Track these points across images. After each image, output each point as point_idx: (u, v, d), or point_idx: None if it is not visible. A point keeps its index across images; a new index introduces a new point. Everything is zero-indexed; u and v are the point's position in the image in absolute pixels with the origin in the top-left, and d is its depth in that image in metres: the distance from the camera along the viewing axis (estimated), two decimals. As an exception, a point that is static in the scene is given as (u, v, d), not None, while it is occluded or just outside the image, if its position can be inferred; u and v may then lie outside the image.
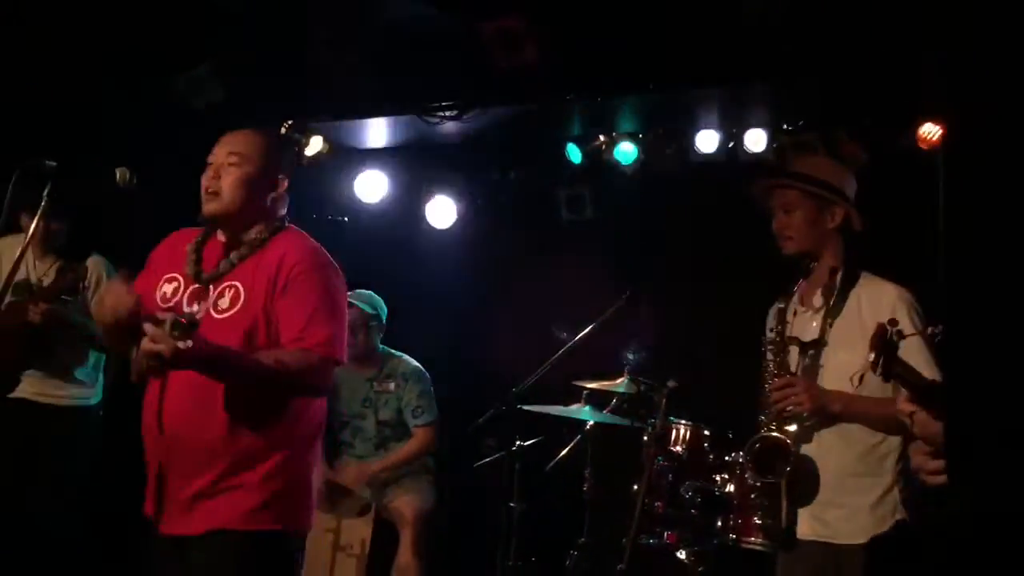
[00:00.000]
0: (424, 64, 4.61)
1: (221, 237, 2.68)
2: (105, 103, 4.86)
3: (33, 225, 2.49)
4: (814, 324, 2.95)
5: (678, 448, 3.94)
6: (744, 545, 3.59)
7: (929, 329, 2.62)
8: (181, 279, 2.65)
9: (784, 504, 2.90)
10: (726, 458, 3.82)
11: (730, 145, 4.98)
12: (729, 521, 3.67)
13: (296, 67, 4.73)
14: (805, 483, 2.87)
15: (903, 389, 2.04)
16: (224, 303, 2.57)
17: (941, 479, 1.88)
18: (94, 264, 4.25)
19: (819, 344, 2.92)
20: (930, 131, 4.39)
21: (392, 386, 4.71)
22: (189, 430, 2.53)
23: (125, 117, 4.77)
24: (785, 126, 4.80)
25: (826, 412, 2.84)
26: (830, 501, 2.85)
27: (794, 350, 2.98)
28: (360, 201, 5.74)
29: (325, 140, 5.31)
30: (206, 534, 2.52)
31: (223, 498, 2.52)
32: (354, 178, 5.70)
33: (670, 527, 3.85)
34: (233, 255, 2.63)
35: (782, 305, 3.07)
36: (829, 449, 2.88)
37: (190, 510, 2.53)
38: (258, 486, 2.53)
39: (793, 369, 2.96)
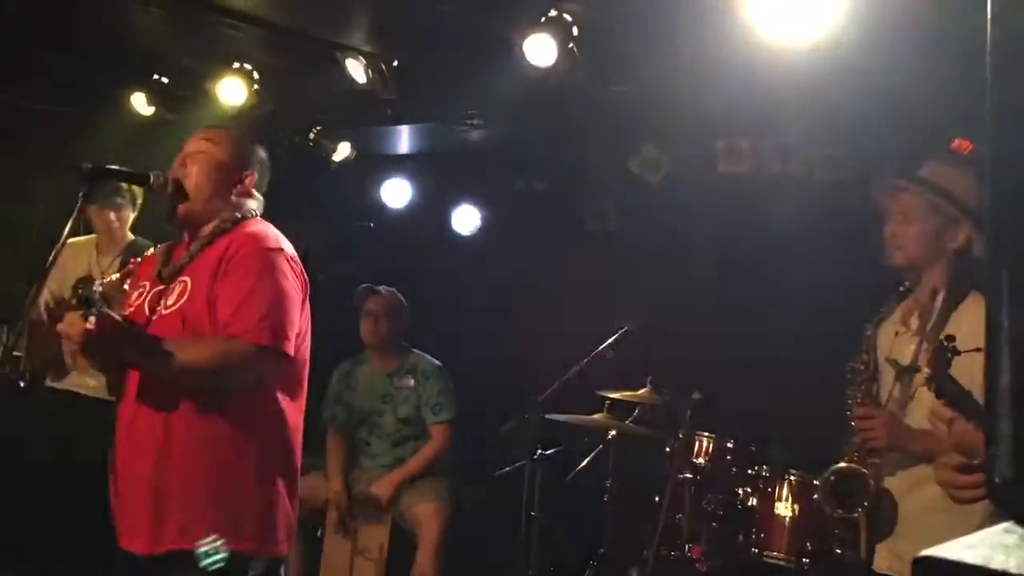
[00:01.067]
0: (452, 72, 4.63)
1: (187, 238, 2.62)
2: (135, 108, 4.93)
3: (68, 226, 2.51)
4: (911, 347, 2.74)
5: (701, 460, 3.93)
6: (766, 559, 3.59)
7: None
8: (148, 283, 2.60)
9: (864, 537, 2.71)
10: (749, 471, 3.81)
11: (755, 158, 4.96)
12: (752, 535, 3.66)
13: (325, 73, 4.76)
14: (883, 517, 2.68)
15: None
16: (172, 299, 2.48)
17: (972, 494, 1.80)
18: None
19: (913, 370, 2.70)
20: (961, 142, 4.36)
21: (411, 382, 4.71)
22: (144, 442, 2.43)
23: (156, 121, 4.84)
24: (811, 139, 4.78)
25: (905, 451, 2.64)
26: (908, 536, 2.65)
27: (890, 373, 2.77)
28: (385, 207, 5.77)
29: (352, 146, 5.34)
30: (168, 554, 2.38)
31: (182, 513, 2.39)
32: (380, 184, 5.74)
33: (692, 540, 3.84)
34: (193, 247, 2.55)
35: (869, 331, 2.85)
36: (914, 482, 2.65)
37: (150, 527, 2.41)
38: (220, 502, 2.40)
39: (886, 392, 2.76)
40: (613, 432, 4.32)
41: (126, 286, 2.62)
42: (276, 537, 2.51)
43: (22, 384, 4.02)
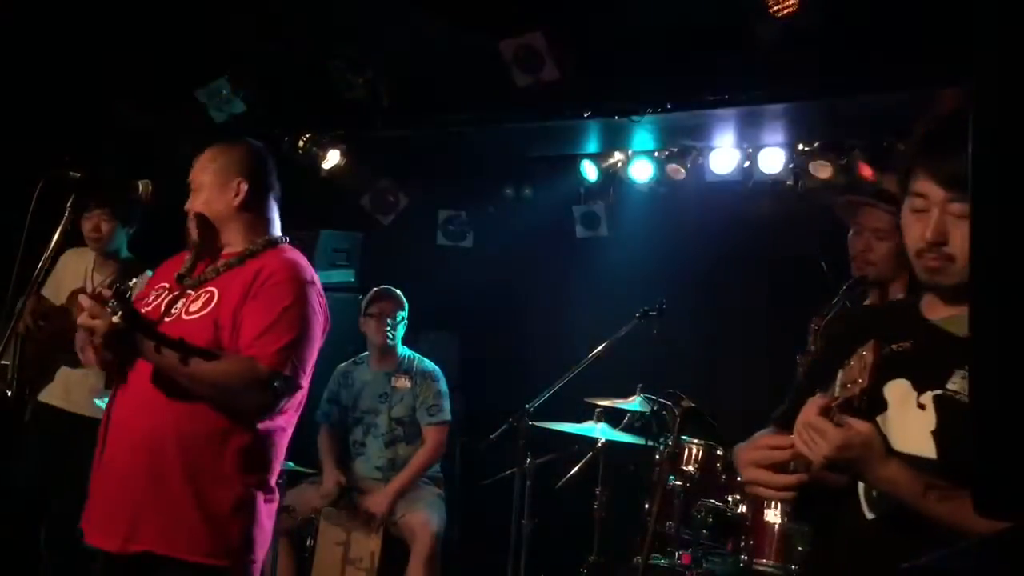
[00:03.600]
0: (442, 80, 4.64)
1: (209, 252, 2.65)
2: (128, 116, 4.92)
3: (56, 235, 2.50)
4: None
5: (690, 467, 3.93)
6: (756, 567, 3.59)
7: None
8: (168, 284, 2.63)
9: None
10: (738, 478, 3.81)
11: (745, 164, 4.98)
12: (741, 542, 3.67)
13: (316, 81, 4.77)
14: None
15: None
16: (196, 306, 2.52)
17: (786, 496, 1.71)
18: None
19: None
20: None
21: (408, 383, 4.73)
22: (134, 441, 2.44)
23: (146, 130, 4.83)
24: (801, 146, 4.80)
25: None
26: None
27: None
28: (375, 215, 5.76)
29: (342, 154, 5.34)
30: (141, 555, 2.40)
31: (163, 519, 2.40)
32: (370, 192, 5.73)
33: (682, 547, 3.84)
34: (220, 264, 2.59)
35: (815, 325, 3.00)
36: None
37: (127, 525, 2.42)
38: (201, 513, 2.41)
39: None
40: (603, 440, 4.32)
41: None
42: (251, 555, 2.52)
43: (8, 394, 3.99)
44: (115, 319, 2.22)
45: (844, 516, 1.72)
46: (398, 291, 4.86)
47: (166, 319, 2.52)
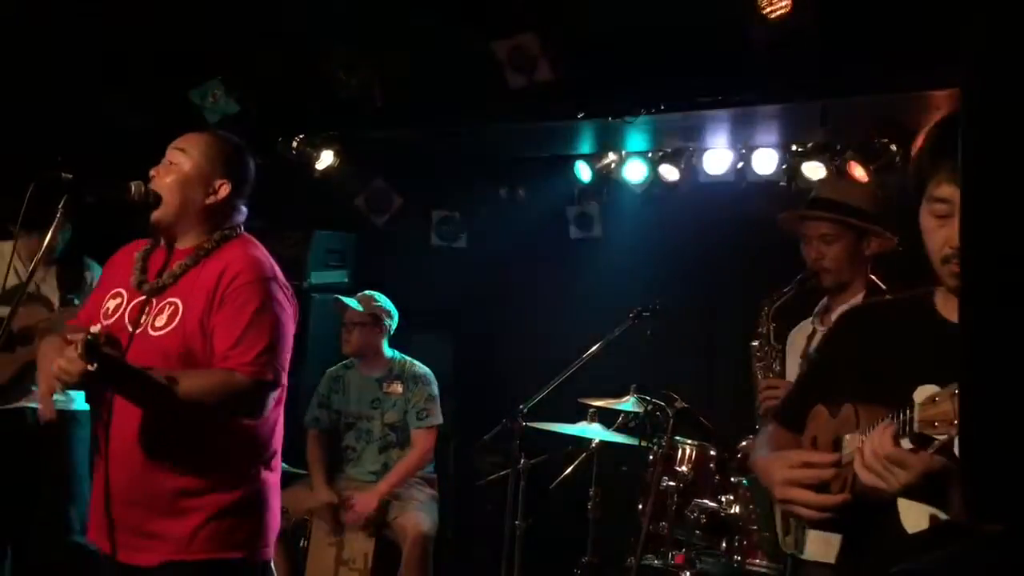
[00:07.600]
0: (436, 80, 4.64)
1: (165, 245, 2.59)
2: (119, 117, 4.91)
3: (48, 236, 2.49)
4: None
5: (684, 468, 3.94)
6: (749, 567, 3.60)
7: None
8: (125, 292, 2.57)
9: (779, 521, 2.84)
10: (732, 479, 3.82)
11: (739, 165, 4.99)
12: (734, 543, 3.68)
13: (310, 81, 4.76)
14: None
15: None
16: (161, 320, 2.47)
17: (823, 516, 1.64)
18: (89, 268, 4.28)
19: None
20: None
21: (400, 388, 4.71)
22: (135, 453, 2.43)
23: (139, 131, 4.82)
24: (794, 147, 4.81)
25: None
26: None
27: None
28: (369, 216, 5.75)
29: (336, 154, 5.33)
30: (160, 566, 2.42)
31: (176, 526, 2.42)
32: (363, 193, 5.72)
33: (675, 547, 3.85)
34: (176, 266, 2.52)
35: (765, 308, 3.18)
36: None
37: (142, 539, 2.44)
38: (212, 513, 2.44)
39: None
40: (596, 440, 4.33)
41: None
42: (264, 543, 2.56)
43: None
44: (90, 367, 2.17)
45: (882, 529, 1.64)
46: (369, 294, 4.80)
47: (135, 332, 2.48)
